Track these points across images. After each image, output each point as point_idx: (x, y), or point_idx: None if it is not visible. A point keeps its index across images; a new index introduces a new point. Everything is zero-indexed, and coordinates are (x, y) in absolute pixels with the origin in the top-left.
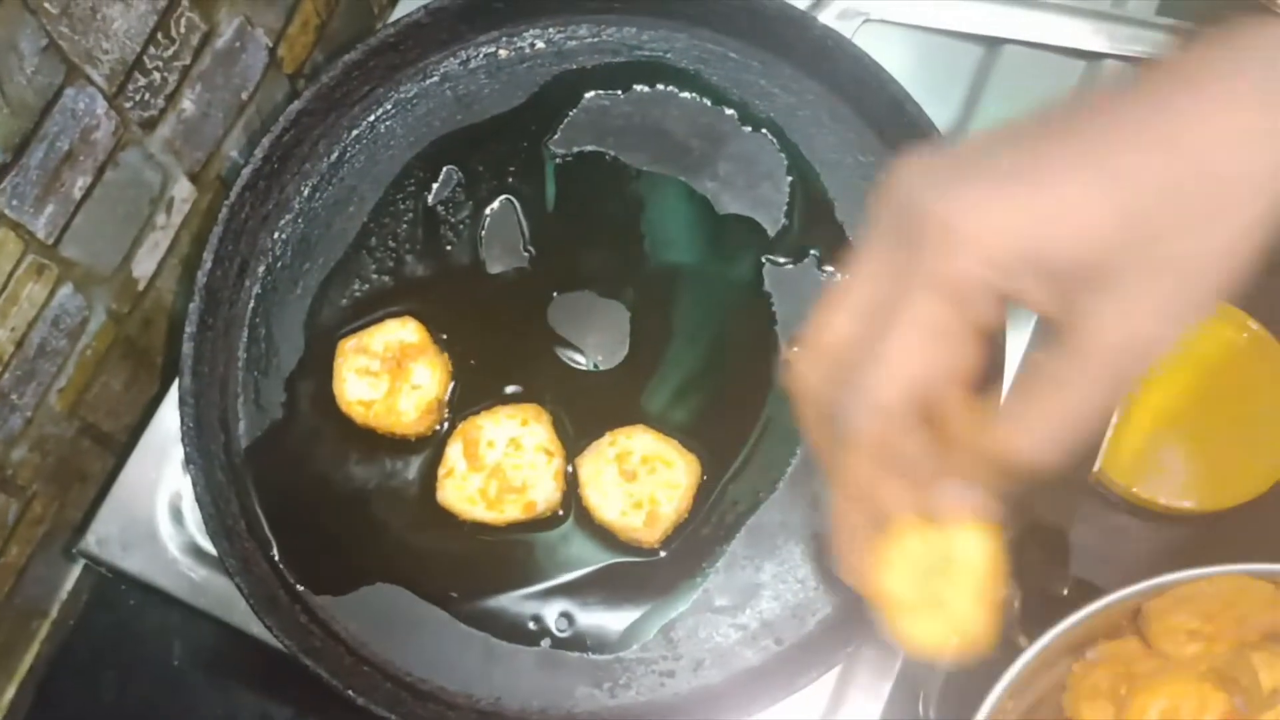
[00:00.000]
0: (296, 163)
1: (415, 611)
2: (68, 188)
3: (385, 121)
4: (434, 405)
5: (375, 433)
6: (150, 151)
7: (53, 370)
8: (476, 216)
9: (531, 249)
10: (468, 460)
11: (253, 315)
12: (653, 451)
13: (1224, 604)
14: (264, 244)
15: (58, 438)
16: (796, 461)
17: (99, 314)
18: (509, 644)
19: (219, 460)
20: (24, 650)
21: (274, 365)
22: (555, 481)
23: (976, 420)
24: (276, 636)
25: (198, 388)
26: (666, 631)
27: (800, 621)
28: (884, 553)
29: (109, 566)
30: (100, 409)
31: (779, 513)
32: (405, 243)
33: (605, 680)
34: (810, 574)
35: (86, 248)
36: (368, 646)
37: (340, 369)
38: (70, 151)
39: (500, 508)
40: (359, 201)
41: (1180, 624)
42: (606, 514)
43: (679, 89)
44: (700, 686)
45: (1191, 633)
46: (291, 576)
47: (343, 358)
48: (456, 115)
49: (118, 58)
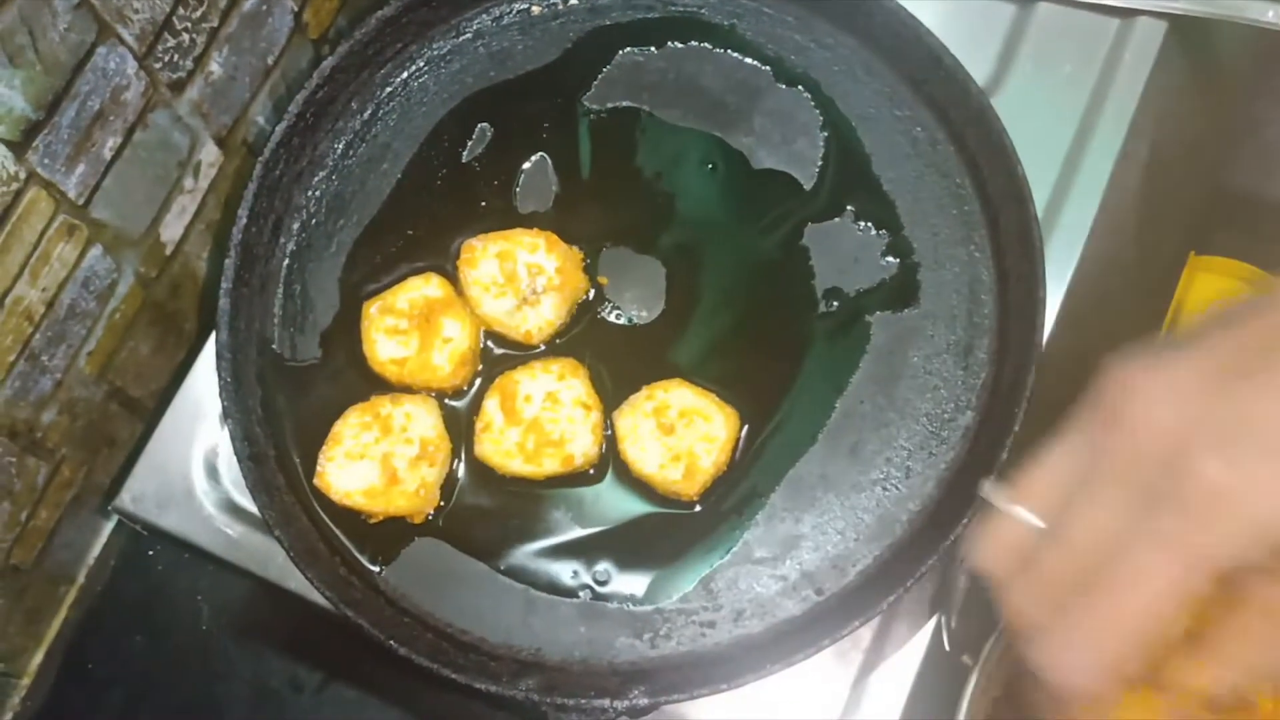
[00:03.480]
0: (330, 120)
1: (455, 565)
2: (98, 148)
3: (418, 78)
4: (468, 356)
5: (412, 390)
6: (179, 114)
7: (82, 333)
8: (511, 173)
9: (566, 205)
10: (505, 414)
11: (288, 272)
12: (690, 405)
13: None
14: (298, 201)
15: (87, 401)
16: (836, 414)
17: (128, 277)
18: (549, 596)
19: (256, 415)
20: (52, 615)
21: (310, 321)
22: (593, 435)
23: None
24: (317, 588)
25: (235, 343)
26: (706, 583)
27: (840, 572)
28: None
29: (145, 523)
30: (128, 373)
31: (818, 465)
32: (439, 200)
33: (646, 630)
34: (849, 525)
35: (116, 209)
36: (408, 599)
37: (368, 331)
38: (101, 111)
39: (539, 461)
40: (393, 159)
41: None
42: (645, 468)
43: (713, 45)
44: (741, 636)
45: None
46: (333, 528)
47: (369, 320)
48: (489, 72)
49: (148, 17)
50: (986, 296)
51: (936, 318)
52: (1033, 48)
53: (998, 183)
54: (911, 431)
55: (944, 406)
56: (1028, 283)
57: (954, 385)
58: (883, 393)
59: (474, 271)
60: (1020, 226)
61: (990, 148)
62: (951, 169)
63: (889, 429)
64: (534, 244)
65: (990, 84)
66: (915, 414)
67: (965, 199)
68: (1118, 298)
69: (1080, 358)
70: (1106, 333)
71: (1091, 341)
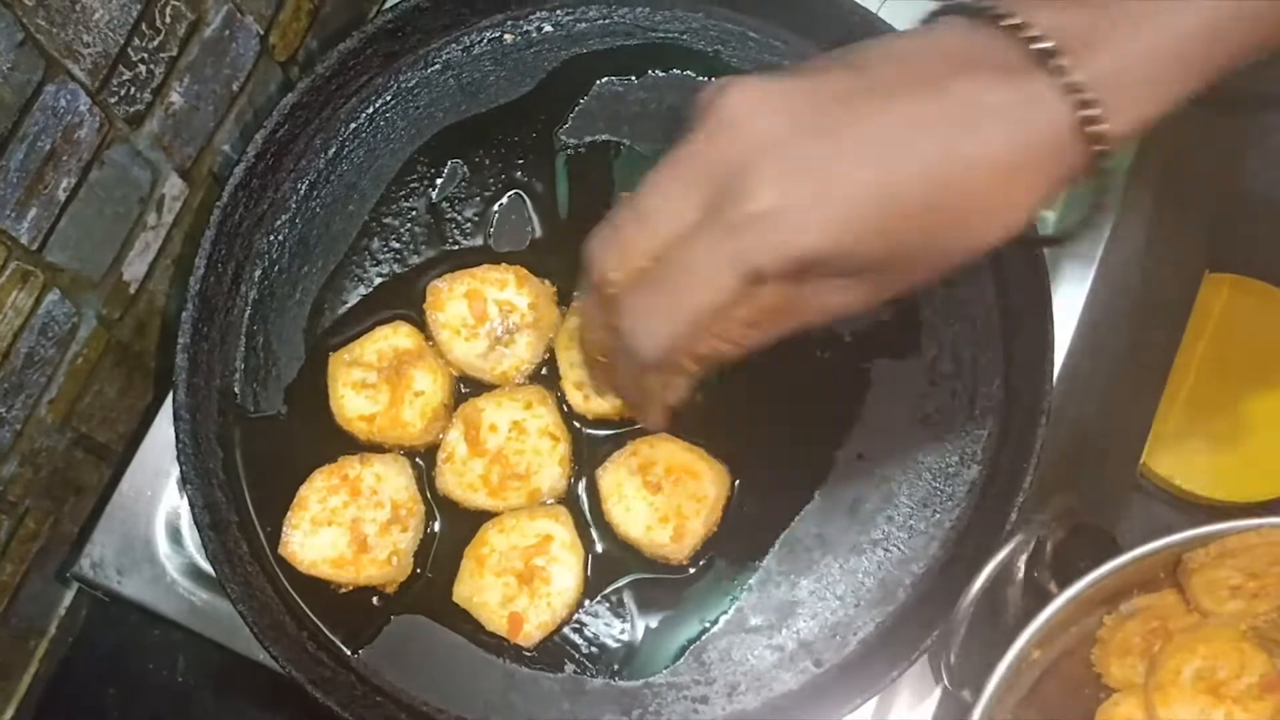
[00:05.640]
0: (292, 159)
1: (431, 636)
2: (51, 190)
3: (385, 114)
4: (440, 410)
5: (382, 448)
6: (138, 148)
7: (42, 381)
8: (485, 212)
9: (544, 244)
10: (468, 444)
11: (250, 323)
12: (678, 461)
13: (1271, 560)
14: (260, 246)
15: (50, 450)
16: (835, 470)
17: (89, 320)
18: (530, 670)
19: (217, 479)
20: (22, 670)
21: (273, 375)
22: (560, 467)
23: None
24: (283, 666)
25: (193, 402)
26: (698, 654)
27: (841, 641)
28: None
29: (105, 590)
30: (94, 418)
31: (815, 524)
32: (410, 242)
33: (634, 707)
34: (849, 590)
35: (74, 252)
36: (380, 675)
37: (335, 385)
38: (53, 151)
39: (503, 495)
40: (359, 199)
41: (1223, 579)
42: (631, 530)
43: (696, 73)
44: (735, 712)
45: (1234, 589)
46: (298, 600)
47: (335, 373)
48: (460, 105)
49: (100, 50)
50: (991, 339)
51: (938, 364)
52: None
53: None
54: (914, 487)
55: (948, 459)
56: (1035, 320)
57: (959, 436)
58: (883, 445)
59: (441, 314)
60: (1025, 261)
61: None
62: None
63: (889, 485)
64: (503, 280)
65: None
66: (918, 468)
67: None
68: (1130, 325)
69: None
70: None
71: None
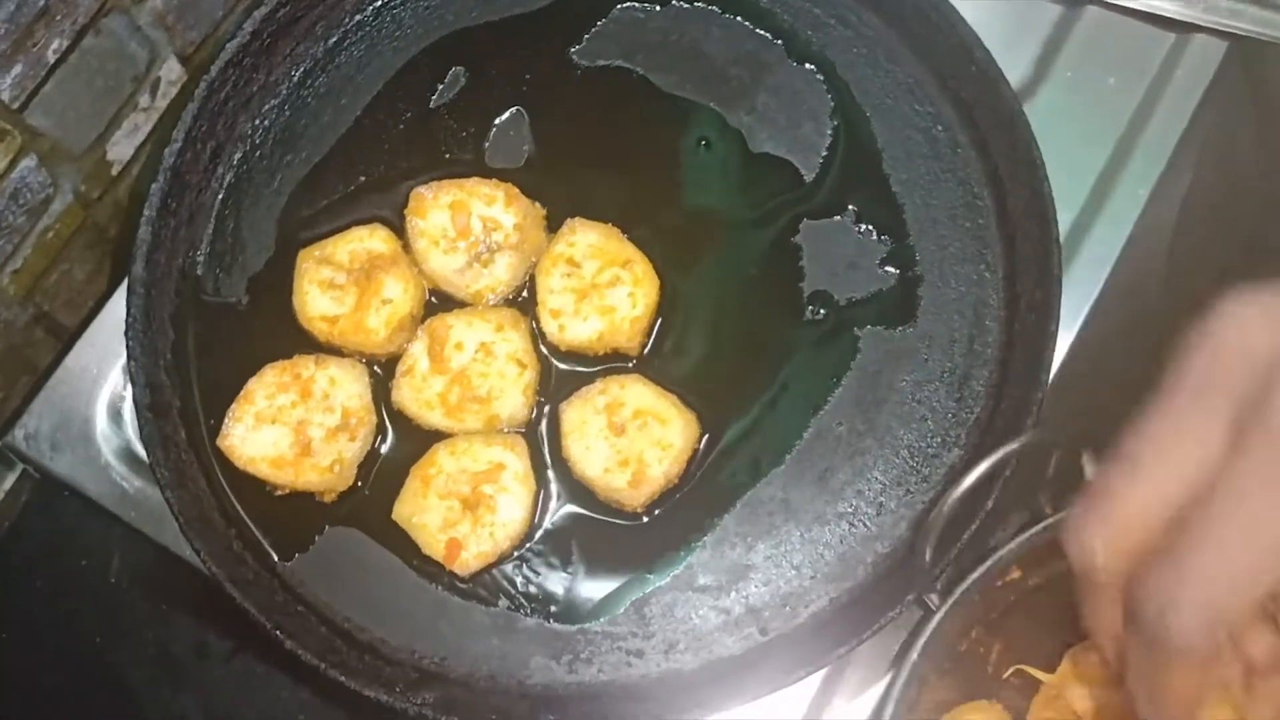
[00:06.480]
0: (290, 43)
1: (365, 554)
2: (40, 48)
3: (394, 8)
4: (406, 321)
5: (341, 352)
6: (138, 22)
7: (8, 249)
8: (483, 125)
9: (539, 165)
10: (431, 360)
11: (222, 206)
12: (647, 405)
13: None
14: (243, 129)
15: (7, 323)
16: (809, 435)
17: (65, 194)
18: (462, 600)
19: (164, 360)
20: None
21: (239, 263)
22: (524, 396)
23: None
24: (204, 561)
25: (150, 277)
26: (640, 606)
27: (791, 612)
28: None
29: (35, 465)
30: (59, 298)
31: (780, 489)
32: (400, 145)
33: (565, 652)
34: (807, 560)
35: (57, 119)
36: (306, 586)
37: (301, 281)
38: (47, 7)
39: (460, 416)
40: (354, 94)
41: None
42: (587, 469)
43: (722, 8)
44: (670, 671)
45: None
46: (231, 497)
47: (303, 269)
48: (473, 10)
49: None
50: (992, 323)
51: (933, 340)
52: (1075, 54)
53: (1020, 197)
54: (889, 464)
55: (929, 440)
56: (1040, 312)
57: (943, 418)
58: (863, 417)
59: (422, 222)
60: (1039, 249)
61: (1016, 158)
62: (970, 176)
63: (864, 458)
64: (491, 196)
65: (1024, 88)
66: (896, 445)
67: (981, 211)
68: (1139, 339)
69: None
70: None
71: (1102, 386)
